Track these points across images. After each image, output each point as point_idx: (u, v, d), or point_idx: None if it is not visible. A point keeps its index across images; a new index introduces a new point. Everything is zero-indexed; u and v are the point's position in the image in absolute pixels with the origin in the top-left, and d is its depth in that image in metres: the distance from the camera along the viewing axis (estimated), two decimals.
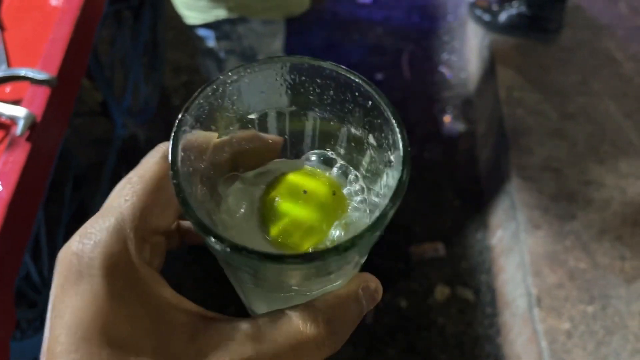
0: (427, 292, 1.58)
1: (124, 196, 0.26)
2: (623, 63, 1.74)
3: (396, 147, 0.28)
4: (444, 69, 2.15)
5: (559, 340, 1.21)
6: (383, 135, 0.30)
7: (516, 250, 1.42)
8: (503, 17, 1.78)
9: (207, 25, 1.09)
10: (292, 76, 0.29)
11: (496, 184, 1.63)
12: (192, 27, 1.13)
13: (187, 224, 0.32)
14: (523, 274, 1.35)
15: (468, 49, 2.14)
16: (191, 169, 0.27)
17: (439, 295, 1.57)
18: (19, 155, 0.67)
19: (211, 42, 1.12)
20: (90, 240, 0.25)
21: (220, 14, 1.05)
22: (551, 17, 1.74)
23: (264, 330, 0.25)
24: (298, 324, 0.25)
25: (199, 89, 0.27)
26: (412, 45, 2.25)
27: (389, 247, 1.66)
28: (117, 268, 0.24)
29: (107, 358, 0.22)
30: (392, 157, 0.29)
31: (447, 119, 1.95)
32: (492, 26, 1.81)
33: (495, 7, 1.81)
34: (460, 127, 1.93)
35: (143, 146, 1.59)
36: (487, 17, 1.82)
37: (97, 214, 0.26)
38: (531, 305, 1.28)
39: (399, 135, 0.28)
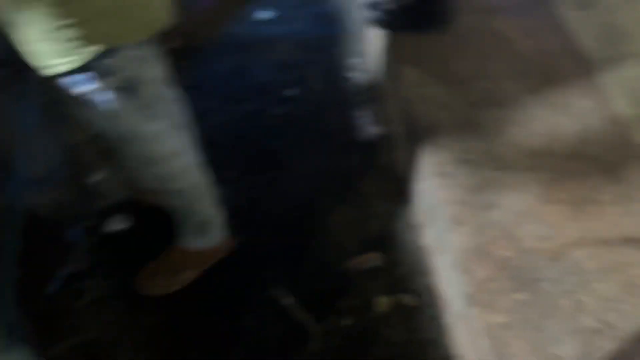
0: (369, 306, 1.55)
1: None
2: (518, 41, 1.76)
3: None
4: (353, 74, 2.13)
5: (498, 336, 1.20)
6: None
7: (444, 249, 1.41)
8: (394, 13, 1.78)
9: (80, 69, 1.01)
10: None
11: (417, 183, 1.62)
12: (60, 78, 1.03)
13: None
14: (455, 273, 1.34)
15: (373, 51, 2.13)
16: None
17: (381, 306, 1.54)
18: None
19: (86, 87, 1.04)
20: None
21: (93, 51, 0.97)
22: (441, 7, 1.75)
23: None
24: None
25: None
26: (320, 55, 2.23)
27: (324, 268, 1.63)
28: None
29: None
30: None
31: (363, 124, 1.93)
32: (385, 24, 1.81)
33: (386, 5, 1.80)
34: (377, 130, 1.92)
35: (53, 217, 1.50)
36: (379, 15, 1.81)
37: None
38: (466, 304, 1.27)
39: None
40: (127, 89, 1.07)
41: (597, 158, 1.47)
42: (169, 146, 1.25)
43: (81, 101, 1.09)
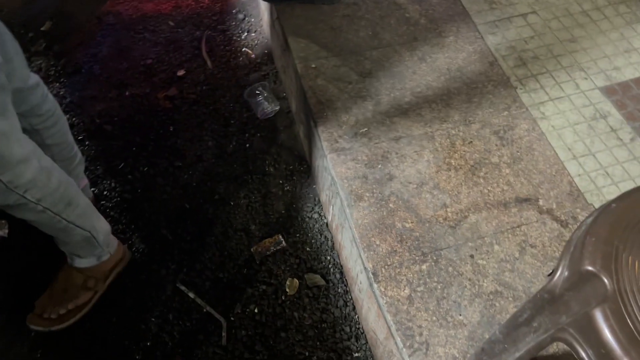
0: (278, 290, 1.50)
1: None
2: (407, 7, 1.74)
3: None
4: (246, 50, 2.03)
5: (402, 309, 1.19)
6: None
7: (346, 225, 1.38)
8: None
9: None
10: None
11: (316, 160, 1.57)
12: None
13: None
14: (357, 250, 1.31)
15: (264, 24, 2.04)
16: None
17: (290, 289, 1.50)
18: None
19: None
20: None
21: None
22: None
23: None
24: None
25: None
26: (209, 31, 2.10)
27: (230, 256, 1.55)
28: None
29: None
30: None
31: (260, 101, 1.84)
32: None
33: None
34: (275, 107, 1.84)
35: None
36: None
37: None
38: (370, 280, 1.25)
39: None
40: None
41: (489, 121, 1.49)
42: (16, 150, 1.05)
43: None
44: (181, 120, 1.84)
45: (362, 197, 1.35)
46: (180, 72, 1.97)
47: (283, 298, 1.49)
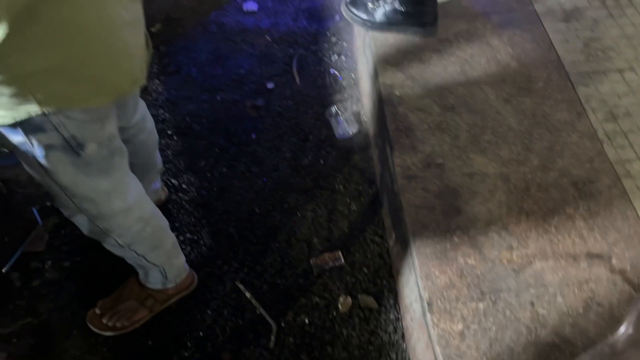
0: (330, 305, 1.52)
1: None
2: (500, 48, 1.74)
3: None
4: (334, 71, 2.11)
5: (452, 344, 1.18)
6: None
7: (407, 252, 1.38)
8: (379, 14, 1.75)
9: (15, 124, 0.88)
10: None
11: (386, 185, 1.60)
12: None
13: None
14: (415, 277, 1.32)
15: (355, 49, 2.11)
16: None
17: (342, 306, 1.52)
18: None
19: (22, 141, 0.92)
20: None
21: (32, 109, 0.85)
22: (425, 10, 1.73)
23: None
24: None
25: None
26: (302, 50, 2.19)
27: (289, 264, 1.60)
28: None
29: None
30: None
31: (340, 122, 1.90)
32: (369, 24, 1.78)
33: (370, 5, 1.78)
34: (353, 129, 1.89)
35: (4, 189, 1.46)
36: (363, 15, 1.78)
37: None
38: (424, 310, 1.25)
39: None
40: (67, 147, 0.95)
41: (569, 171, 1.46)
42: (116, 204, 1.12)
43: (20, 157, 0.97)
44: (264, 129, 1.93)
45: (427, 226, 1.36)
46: (270, 85, 2.07)
47: (334, 314, 1.51)
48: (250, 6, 2.34)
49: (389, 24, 1.76)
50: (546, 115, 1.58)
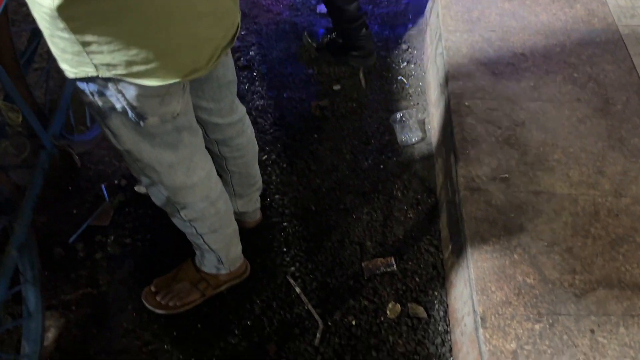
0: (378, 310, 1.51)
1: None
2: (578, 67, 1.69)
3: None
4: (402, 78, 2.10)
5: None
6: None
7: (463, 265, 1.36)
8: (325, 43, 2.14)
9: (83, 80, 0.92)
10: None
11: (447, 195, 1.57)
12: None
13: None
14: (470, 291, 1.29)
15: (426, 57, 2.10)
16: None
17: (390, 312, 1.50)
18: None
19: (90, 100, 0.96)
20: None
21: (90, 71, 0.89)
22: (360, 44, 2.07)
23: None
24: None
25: None
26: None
27: (341, 264, 1.60)
28: None
29: None
30: None
31: (405, 128, 1.89)
32: (318, 53, 2.18)
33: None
34: (417, 137, 1.88)
35: (79, 164, 1.53)
36: (314, 44, 2.16)
37: None
38: (477, 324, 1.22)
39: None
40: (128, 115, 0.98)
41: None
42: (179, 179, 1.14)
43: (87, 105, 1.01)
44: (327, 129, 1.94)
45: (487, 240, 1.33)
46: (336, 87, 2.08)
47: (382, 319, 1.50)
48: (323, 9, 2.37)
49: (333, 54, 2.13)
50: (622, 139, 1.52)
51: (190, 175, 1.15)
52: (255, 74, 2.14)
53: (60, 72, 0.93)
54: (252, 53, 2.21)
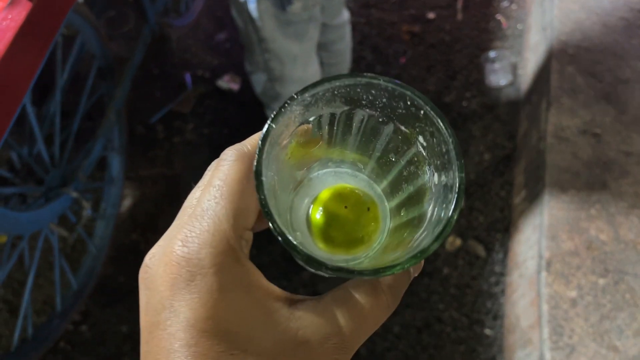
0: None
1: (214, 199, 0.28)
2: None
3: (450, 167, 0.29)
4: (500, 17, 2.01)
5: (562, 307, 1.16)
6: (435, 141, 0.30)
7: (537, 211, 1.35)
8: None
9: None
10: (348, 89, 0.31)
11: (530, 141, 1.54)
12: None
13: None
14: (539, 236, 1.29)
15: (530, 1, 2.00)
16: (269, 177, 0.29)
17: (449, 245, 1.53)
18: (20, 13, 0.65)
19: None
20: (194, 243, 0.27)
21: None
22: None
23: (349, 305, 0.28)
24: (373, 295, 0.29)
25: (282, 106, 0.30)
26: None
27: None
28: (224, 265, 0.27)
29: (223, 350, 0.26)
30: (444, 176, 0.29)
31: (495, 69, 1.84)
32: None
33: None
34: (506, 80, 1.82)
35: (174, 48, 1.56)
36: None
37: (186, 219, 0.28)
38: (540, 267, 1.23)
39: (455, 164, 0.28)
40: (277, 2, 1.02)
41: None
42: (298, 71, 1.18)
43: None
44: (413, 57, 1.91)
45: (566, 191, 1.31)
46: (431, 15, 2.02)
47: (439, 250, 1.52)
48: None
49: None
50: None
51: (307, 68, 1.20)
52: None
53: None
54: None
